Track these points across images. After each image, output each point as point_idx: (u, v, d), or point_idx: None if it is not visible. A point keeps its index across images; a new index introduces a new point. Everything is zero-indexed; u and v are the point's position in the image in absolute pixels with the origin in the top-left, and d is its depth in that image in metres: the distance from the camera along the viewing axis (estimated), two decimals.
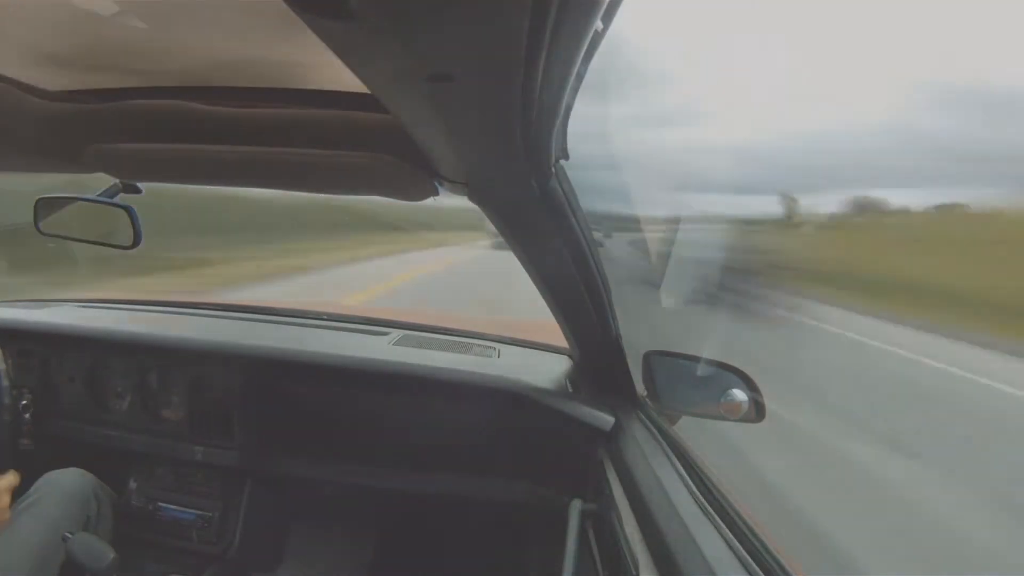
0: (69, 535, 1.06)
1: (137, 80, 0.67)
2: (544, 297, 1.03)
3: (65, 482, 1.17)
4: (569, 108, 0.56)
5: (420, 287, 6.86)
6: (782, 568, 0.61)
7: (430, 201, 0.79)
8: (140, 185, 1.03)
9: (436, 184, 0.72)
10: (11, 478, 1.05)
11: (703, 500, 0.75)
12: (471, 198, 0.73)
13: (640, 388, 1.12)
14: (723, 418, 0.96)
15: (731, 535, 0.67)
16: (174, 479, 1.42)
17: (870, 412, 2.41)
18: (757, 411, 0.95)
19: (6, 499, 1.02)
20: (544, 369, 1.35)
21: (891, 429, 2.26)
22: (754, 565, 0.61)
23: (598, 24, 0.40)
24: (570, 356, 1.38)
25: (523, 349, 1.50)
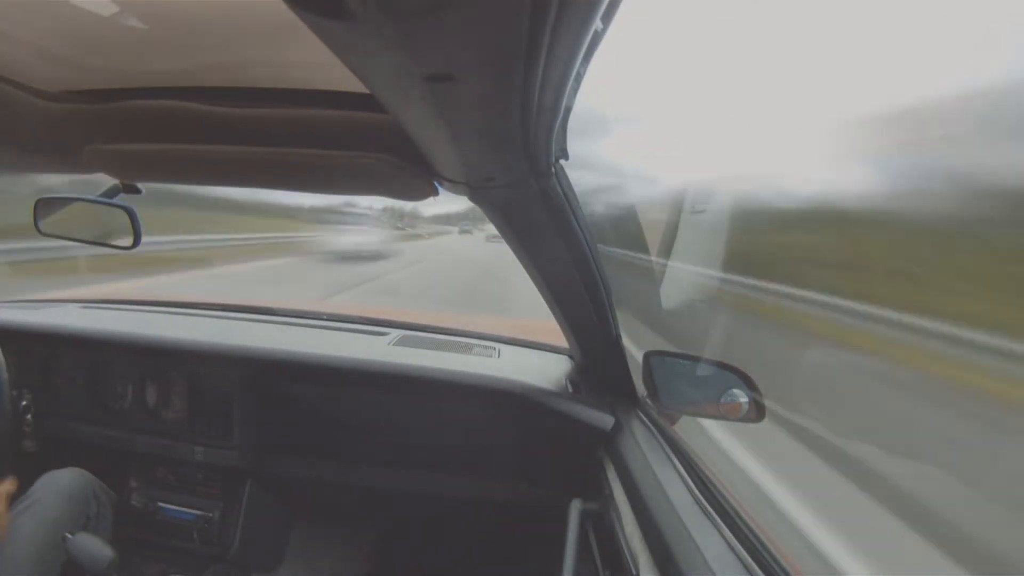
0: (69, 535, 1.06)
1: (137, 80, 0.67)
2: (544, 297, 1.03)
3: (64, 482, 1.17)
4: (569, 108, 0.56)
5: None
6: (782, 568, 0.61)
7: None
8: (140, 186, 1.03)
9: (436, 184, 0.72)
10: (9, 485, 1.05)
11: (703, 500, 0.75)
12: (471, 198, 0.73)
13: (640, 388, 1.12)
14: (723, 418, 0.96)
15: (731, 535, 0.67)
16: (174, 479, 1.42)
17: None
18: (757, 411, 0.95)
19: (3, 506, 1.02)
20: (544, 369, 1.35)
21: None
22: (754, 565, 0.62)
23: (598, 24, 0.40)
24: (570, 356, 1.38)
25: (523, 349, 1.50)
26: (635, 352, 1.10)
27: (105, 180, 1.02)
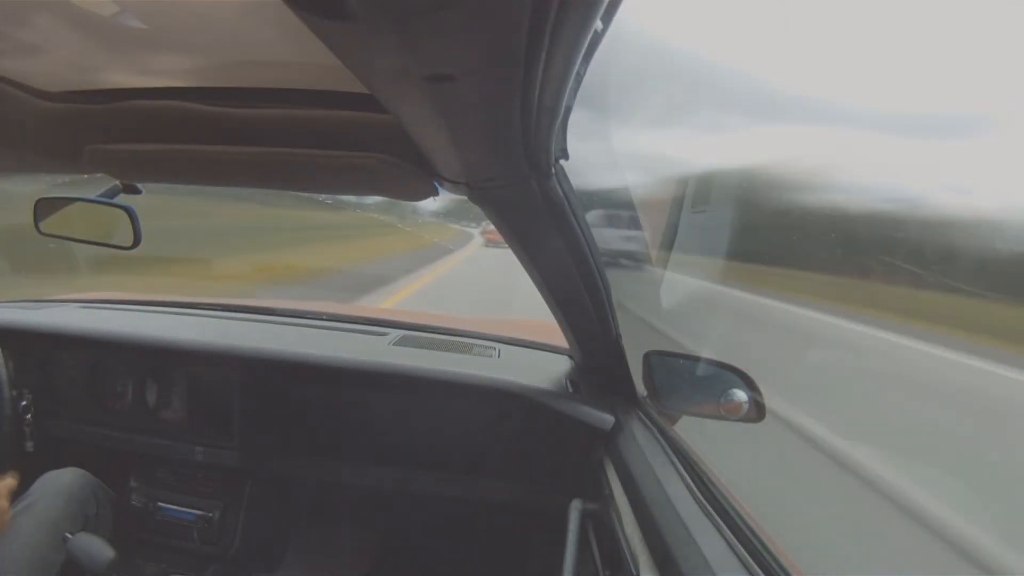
0: (69, 535, 1.06)
1: (137, 80, 0.67)
2: (544, 297, 1.03)
3: (63, 482, 1.17)
4: (569, 108, 0.56)
5: None
6: (782, 568, 0.61)
7: None
8: (140, 186, 1.03)
9: (436, 184, 0.72)
10: (10, 481, 1.05)
11: (703, 500, 0.75)
12: (471, 198, 0.73)
13: (640, 388, 1.12)
14: (723, 418, 0.96)
15: (731, 535, 0.67)
16: (174, 479, 1.42)
17: None
18: (757, 411, 0.95)
19: (5, 502, 1.02)
20: (544, 369, 1.35)
21: None
22: (754, 565, 0.61)
23: (598, 24, 0.40)
24: (570, 356, 1.38)
25: (523, 349, 1.50)
26: (634, 352, 1.10)
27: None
